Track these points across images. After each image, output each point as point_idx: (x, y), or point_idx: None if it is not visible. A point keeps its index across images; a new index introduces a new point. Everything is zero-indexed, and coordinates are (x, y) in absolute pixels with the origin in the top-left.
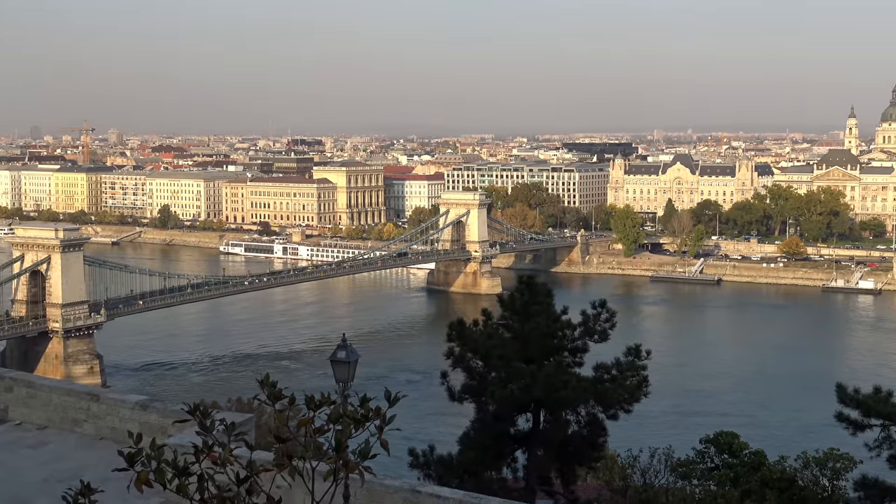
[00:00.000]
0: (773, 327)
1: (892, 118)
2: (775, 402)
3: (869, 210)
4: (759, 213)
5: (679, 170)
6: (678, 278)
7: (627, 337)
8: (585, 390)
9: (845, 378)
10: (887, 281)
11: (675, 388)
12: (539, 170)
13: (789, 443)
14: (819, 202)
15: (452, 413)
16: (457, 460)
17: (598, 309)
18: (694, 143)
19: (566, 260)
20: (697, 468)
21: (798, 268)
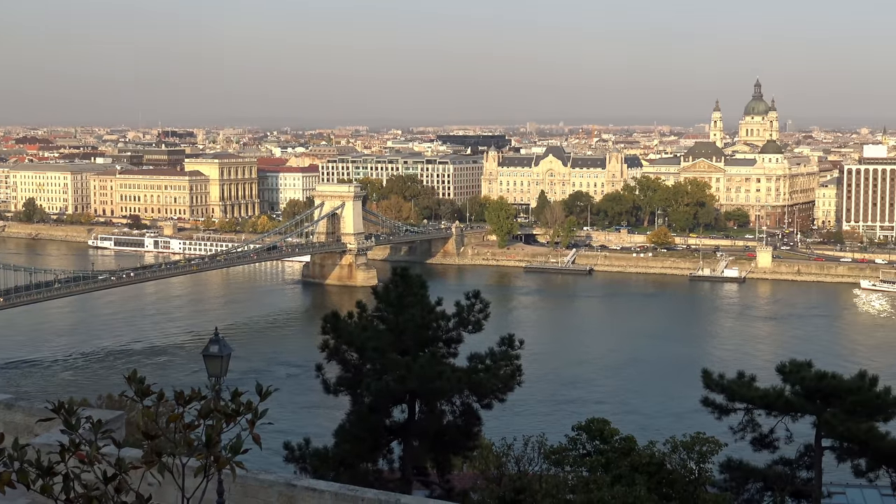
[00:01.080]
0: (643, 315)
1: (754, 112)
2: (647, 389)
3: (733, 201)
4: (628, 204)
5: (551, 162)
6: (551, 269)
7: (502, 327)
8: (460, 380)
9: (712, 364)
10: (751, 269)
11: (550, 377)
12: (414, 162)
13: (660, 428)
14: (686, 193)
15: (328, 406)
16: (332, 453)
17: (472, 300)
18: (566, 136)
19: (441, 251)
20: (570, 455)
21: (666, 257)
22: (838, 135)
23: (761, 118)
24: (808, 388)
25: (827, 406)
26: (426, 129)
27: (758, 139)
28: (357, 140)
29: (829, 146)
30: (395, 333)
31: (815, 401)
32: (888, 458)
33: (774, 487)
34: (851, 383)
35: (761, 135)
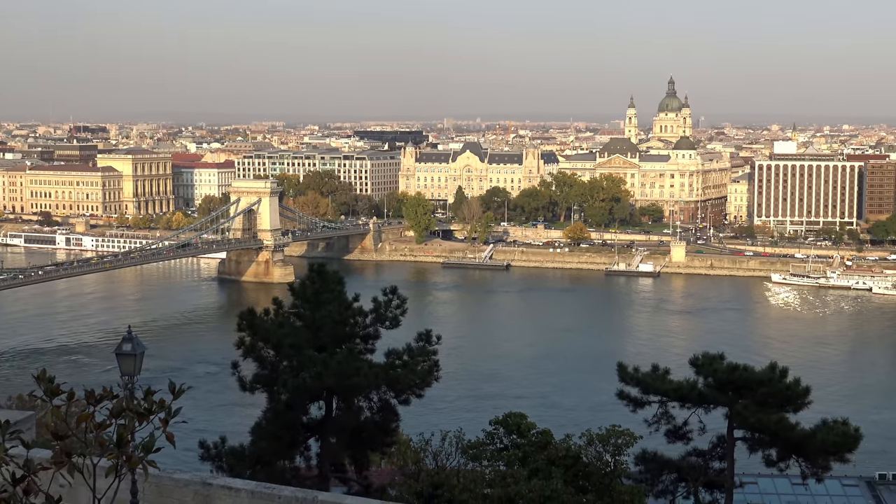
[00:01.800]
0: (560, 310)
1: (668, 108)
2: (565, 383)
3: (648, 196)
4: (545, 200)
5: (469, 158)
6: (469, 264)
7: (419, 323)
8: (377, 376)
9: (628, 358)
10: (665, 264)
11: (470, 372)
12: (331, 158)
13: (578, 422)
14: (601, 189)
15: (245, 404)
16: (249, 451)
17: (389, 295)
18: (483, 132)
19: (359, 247)
20: (487, 449)
21: (582, 252)
22: (750, 131)
23: (675, 115)
24: (720, 381)
25: (739, 398)
26: (343, 125)
27: (671, 135)
28: (273, 136)
29: (741, 142)
30: (311, 330)
31: (727, 393)
32: (798, 447)
33: (688, 478)
34: (762, 375)
35: (675, 131)
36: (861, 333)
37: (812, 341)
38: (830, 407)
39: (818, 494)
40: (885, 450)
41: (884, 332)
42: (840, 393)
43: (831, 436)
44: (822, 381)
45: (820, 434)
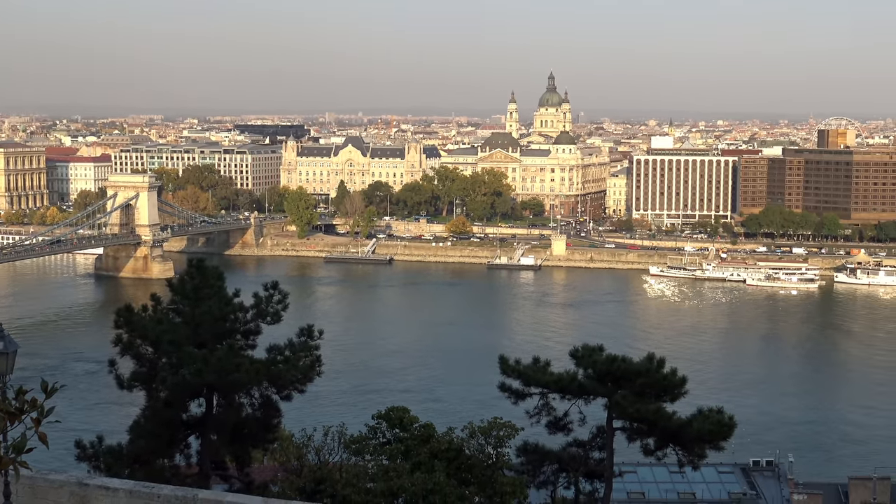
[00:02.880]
0: (444, 304)
1: (548, 103)
2: (451, 377)
3: (529, 190)
4: (427, 194)
5: (351, 152)
6: (351, 258)
7: (302, 318)
8: (258, 372)
9: (511, 350)
10: (546, 257)
11: (355, 367)
12: (211, 152)
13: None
14: (483, 183)
15: (123, 402)
16: (127, 450)
17: (270, 291)
18: (365, 126)
19: (240, 242)
20: (370, 444)
21: (465, 246)
22: (628, 126)
23: (555, 110)
24: (599, 372)
25: (618, 388)
26: (223, 119)
27: (552, 130)
28: (152, 129)
29: (620, 137)
30: (191, 326)
31: (606, 384)
32: (675, 436)
33: (569, 469)
34: (640, 366)
35: (555, 126)
36: (735, 324)
37: (689, 332)
38: (706, 396)
39: (695, 482)
40: (760, 437)
41: (757, 323)
42: (716, 382)
43: (707, 424)
44: (698, 372)
45: (696, 423)
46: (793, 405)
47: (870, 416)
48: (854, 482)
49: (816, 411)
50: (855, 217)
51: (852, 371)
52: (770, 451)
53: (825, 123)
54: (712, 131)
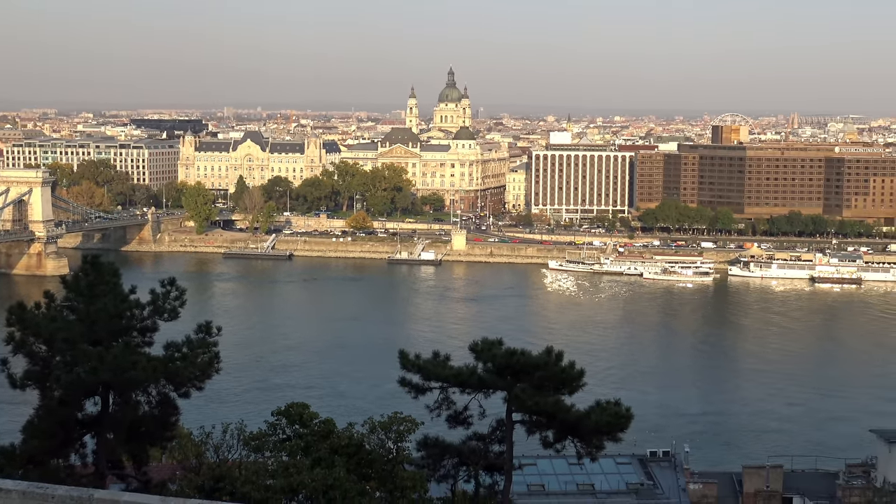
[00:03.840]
0: (345, 299)
1: (448, 99)
2: (353, 372)
3: (429, 185)
4: (327, 189)
5: (250, 147)
6: (251, 254)
7: (201, 314)
8: (155, 370)
9: (412, 345)
10: (446, 252)
11: (257, 364)
12: (107, 146)
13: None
14: (383, 178)
15: (16, 402)
16: (20, 450)
17: (167, 287)
18: (264, 121)
19: (137, 238)
20: (270, 440)
21: (365, 241)
22: (527, 122)
23: (455, 105)
24: (499, 366)
25: (517, 382)
26: (119, 113)
27: (452, 126)
28: (45, 123)
29: (519, 133)
30: (86, 324)
31: (505, 377)
32: (573, 428)
33: (469, 462)
34: (539, 359)
35: (455, 122)
36: (633, 317)
37: (587, 326)
38: (604, 389)
39: (594, 473)
40: (657, 428)
41: (654, 316)
42: (614, 375)
43: (604, 416)
44: (596, 364)
45: (594, 415)
46: (689, 396)
47: (763, 406)
48: (748, 471)
49: (712, 402)
50: (748, 211)
51: (746, 362)
52: (667, 441)
53: (719, 120)
54: (609, 127)
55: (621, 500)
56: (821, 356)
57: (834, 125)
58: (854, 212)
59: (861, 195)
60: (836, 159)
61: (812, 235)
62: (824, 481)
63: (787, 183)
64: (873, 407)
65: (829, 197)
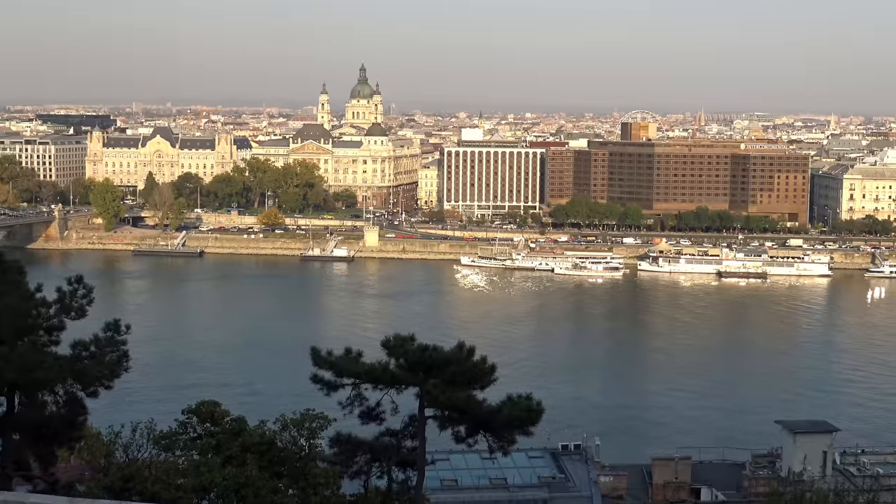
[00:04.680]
0: (258, 297)
1: (360, 95)
2: (267, 369)
3: (341, 182)
4: (238, 186)
5: (159, 143)
6: (161, 251)
7: (110, 313)
8: (62, 369)
9: (325, 342)
10: (359, 248)
11: (170, 362)
12: (11, 142)
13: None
14: (295, 175)
15: None
16: None
17: (74, 285)
18: (174, 117)
19: (43, 236)
20: (180, 439)
21: (277, 238)
22: (439, 118)
23: (367, 102)
24: (411, 362)
25: (429, 377)
26: (24, 108)
27: (364, 122)
28: None
29: (431, 129)
30: None
31: (418, 373)
32: (485, 423)
33: (381, 458)
34: (451, 355)
35: (367, 118)
36: (545, 312)
37: (500, 321)
38: (517, 383)
39: (506, 467)
40: (569, 422)
41: (565, 311)
42: (526, 369)
43: (516, 411)
44: (509, 359)
45: (505, 409)
46: (600, 390)
47: (673, 399)
48: (657, 463)
49: (623, 396)
50: (657, 207)
51: (656, 356)
52: (579, 435)
53: (628, 117)
54: (521, 124)
55: (533, 493)
56: (728, 349)
57: (740, 123)
58: (759, 207)
59: (766, 191)
60: (741, 156)
61: (719, 231)
62: (731, 472)
63: (694, 179)
64: (779, 399)
65: (735, 193)
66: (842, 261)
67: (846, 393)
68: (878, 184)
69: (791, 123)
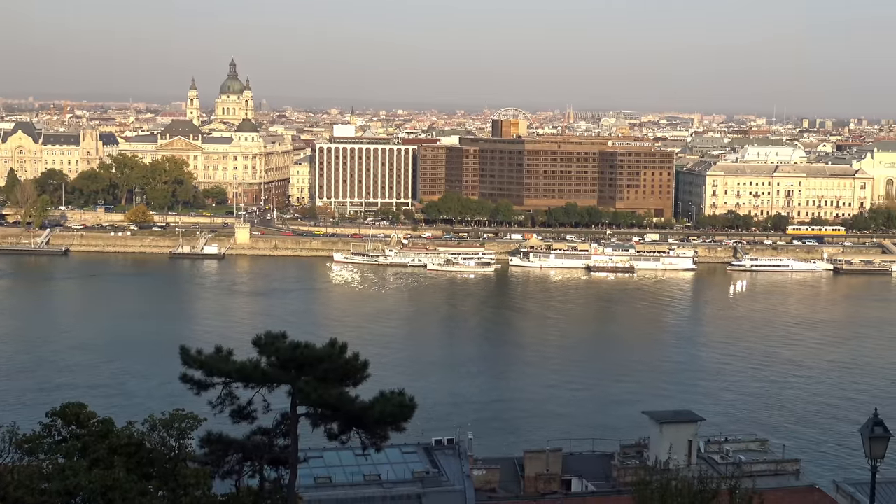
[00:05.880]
0: (126, 296)
1: (230, 91)
2: (138, 370)
3: (211, 178)
4: (105, 183)
5: (21, 138)
6: (24, 250)
7: None
8: None
9: (197, 341)
10: (230, 246)
11: (36, 364)
12: None
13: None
14: (164, 171)
15: None
16: None
17: None
18: (36, 111)
19: None
20: (45, 442)
21: (146, 236)
22: (310, 115)
23: (237, 97)
24: (282, 359)
25: (301, 375)
26: None
27: (234, 118)
28: None
29: (302, 125)
30: None
31: (289, 370)
32: (358, 420)
33: (253, 457)
34: (323, 352)
35: (237, 114)
36: (418, 308)
37: (373, 317)
38: (390, 379)
39: (380, 463)
40: (444, 417)
41: (439, 307)
42: (399, 365)
43: (388, 407)
44: (382, 355)
45: (378, 405)
46: (474, 385)
47: (545, 392)
48: (529, 455)
49: (496, 390)
50: (527, 203)
51: (528, 350)
52: (452, 430)
53: (499, 114)
54: (393, 120)
55: (407, 488)
56: (598, 342)
57: (607, 120)
58: (626, 203)
59: (633, 187)
60: (609, 153)
61: (588, 226)
62: (601, 462)
63: (563, 175)
64: (646, 389)
65: (604, 189)
66: (706, 255)
67: (711, 383)
68: (739, 180)
69: (656, 121)
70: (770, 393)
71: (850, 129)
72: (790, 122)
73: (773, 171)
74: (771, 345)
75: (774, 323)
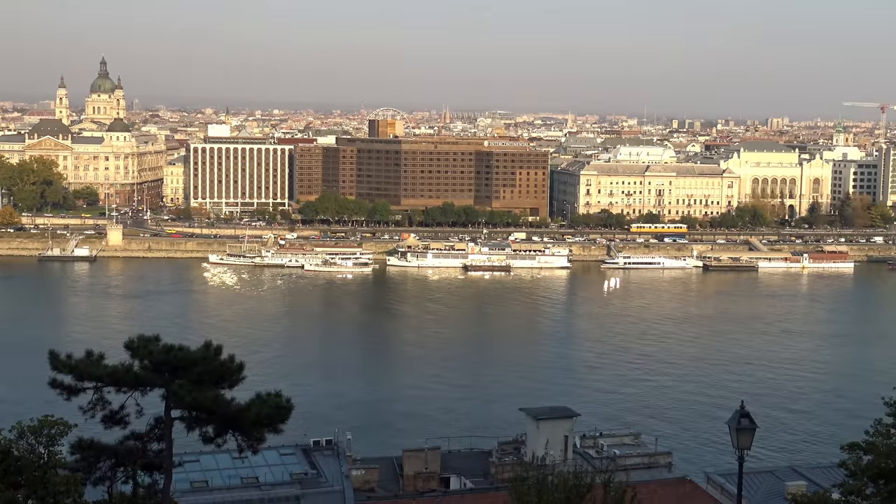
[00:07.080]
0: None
1: (101, 89)
2: (8, 376)
3: (82, 179)
4: None
5: None
6: None
7: None
8: None
9: (68, 345)
10: (103, 248)
11: None
12: None
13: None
14: (32, 171)
15: None
16: None
17: None
18: None
19: None
20: None
21: (13, 238)
22: (184, 114)
23: (108, 96)
24: (156, 362)
25: (175, 378)
26: None
27: (105, 117)
28: None
29: (176, 125)
30: None
31: (163, 374)
32: (233, 422)
33: (126, 462)
34: (197, 354)
35: (109, 113)
36: (295, 309)
37: (249, 319)
38: (267, 381)
39: (258, 466)
40: (324, 418)
41: (316, 307)
42: (277, 367)
43: (265, 408)
44: (258, 357)
45: (254, 407)
46: (353, 385)
47: (426, 391)
48: (408, 454)
49: (375, 390)
50: (405, 203)
51: (407, 349)
52: (331, 431)
53: (376, 114)
54: (269, 120)
55: (286, 490)
56: (476, 341)
57: (483, 120)
58: (503, 203)
59: (508, 187)
60: (485, 153)
61: (465, 225)
62: (479, 460)
63: (440, 175)
64: (523, 387)
65: (480, 189)
66: (580, 253)
67: (587, 379)
68: (612, 179)
69: (531, 121)
70: (643, 388)
71: (718, 129)
72: (660, 123)
73: (645, 171)
74: (644, 342)
75: (648, 320)
